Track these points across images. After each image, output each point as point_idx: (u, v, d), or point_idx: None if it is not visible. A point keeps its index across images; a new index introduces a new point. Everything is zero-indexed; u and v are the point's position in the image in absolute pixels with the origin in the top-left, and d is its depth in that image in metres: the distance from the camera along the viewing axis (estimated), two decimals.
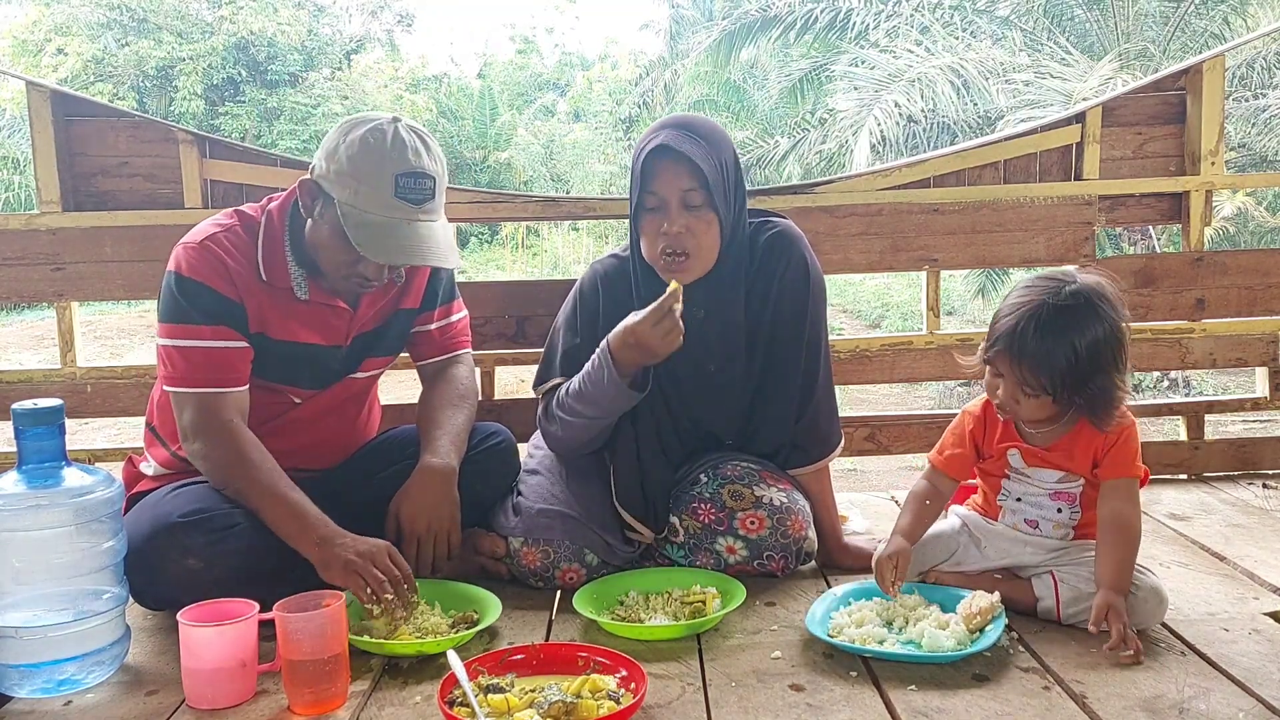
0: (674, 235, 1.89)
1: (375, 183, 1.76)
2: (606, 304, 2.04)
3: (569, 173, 17.97)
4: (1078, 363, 1.66)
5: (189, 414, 1.82)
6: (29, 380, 2.61)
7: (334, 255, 1.82)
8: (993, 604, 1.68)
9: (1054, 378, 1.67)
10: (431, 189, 1.80)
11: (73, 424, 1.82)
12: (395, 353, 2.11)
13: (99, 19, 16.98)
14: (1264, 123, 8.53)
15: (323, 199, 1.81)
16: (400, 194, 1.77)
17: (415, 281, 2.05)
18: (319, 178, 1.81)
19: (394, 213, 1.77)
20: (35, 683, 1.56)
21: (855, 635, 1.67)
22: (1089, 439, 1.76)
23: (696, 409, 2.08)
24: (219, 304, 1.82)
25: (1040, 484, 1.82)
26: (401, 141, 1.78)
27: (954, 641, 1.62)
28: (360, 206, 1.76)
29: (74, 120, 2.57)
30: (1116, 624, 1.61)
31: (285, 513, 1.77)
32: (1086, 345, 1.66)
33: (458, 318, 2.17)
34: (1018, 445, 1.82)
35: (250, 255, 1.86)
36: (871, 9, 10.97)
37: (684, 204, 1.89)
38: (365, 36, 20.85)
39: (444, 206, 1.88)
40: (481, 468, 2.05)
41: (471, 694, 1.41)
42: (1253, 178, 7.18)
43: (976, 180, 2.73)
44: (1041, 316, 1.67)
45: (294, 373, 1.94)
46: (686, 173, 1.87)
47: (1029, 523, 1.83)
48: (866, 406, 7.22)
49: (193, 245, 1.84)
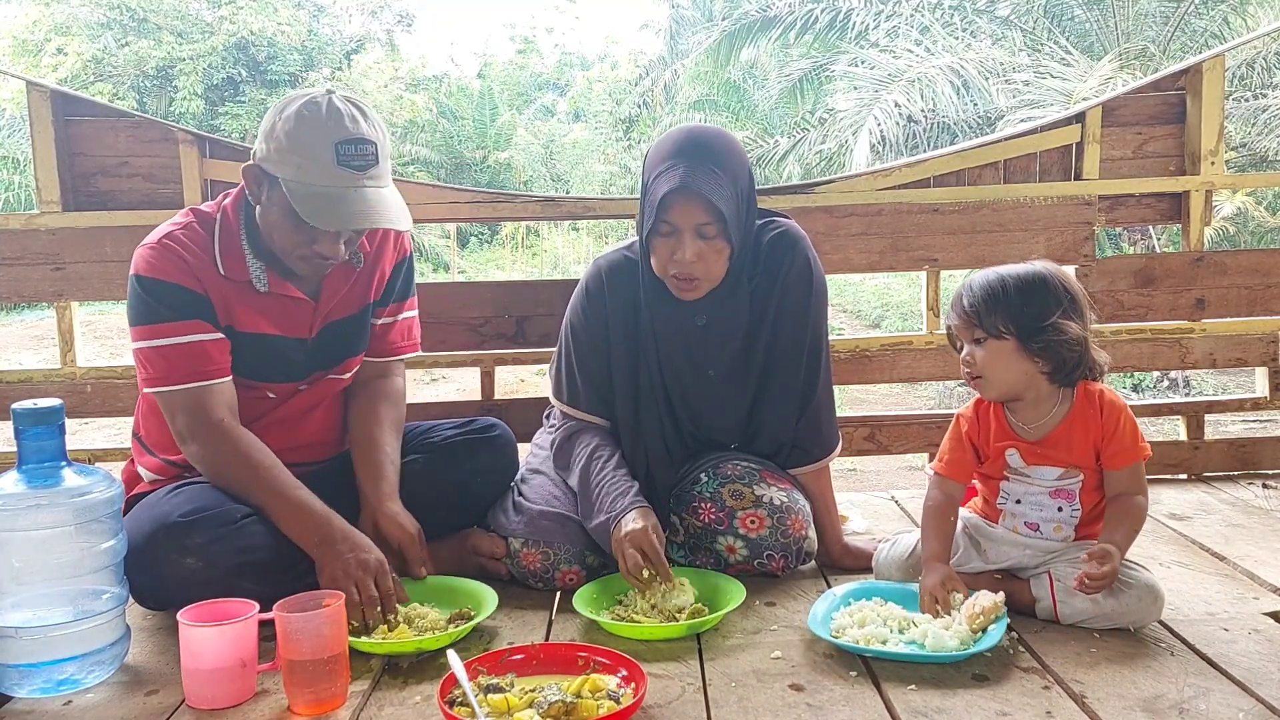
0: (686, 264, 1.88)
1: (316, 153, 1.75)
2: (612, 298, 2.04)
3: (569, 173, 17.98)
4: (1006, 292, 1.75)
5: (181, 418, 1.81)
6: (29, 380, 2.61)
7: (287, 236, 1.81)
8: (996, 604, 1.67)
9: (991, 307, 1.75)
10: (374, 154, 1.80)
11: (73, 424, 1.82)
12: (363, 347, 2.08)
13: (99, 19, 16.98)
14: (1264, 123, 8.53)
15: (268, 181, 1.80)
16: (342, 162, 1.76)
17: (379, 273, 2.03)
18: (261, 161, 1.80)
19: (338, 181, 1.76)
20: (35, 683, 1.56)
21: (858, 635, 1.67)
22: (1084, 428, 1.78)
23: (699, 411, 2.08)
24: (186, 298, 1.81)
25: (1040, 482, 1.82)
26: (337, 110, 1.78)
27: (957, 641, 1.62)
28: (304, 180, 1.75)
29: (74, 120, 2.57)
30: (1108, 561, 1.66)
31: (287, 511, 1.78)
32: (1015, 278, 1.76)
33: (406, 316, 2.14)
34: (1015, 444, 1.83)
35: (208, 250, 1.85)
36: (871, 9, 10.97)
37: (698, 234, 1.87)
38: (365, 36, 20.84)
39: (390, 174, 1.87)
40: (481, 462, 2.06)
41: (471, 694, 1.41)
42: (1253, 178, 7.19)
43: (976, 180, 2.73)
44: (977, 272, 1.82)
45: (263, 367, 1.92)
46: (703, 209, 1.85)
47: (1029, 525, 1.83)
48: (866, 406, 7.22)
49: (151, 245, 1.84)
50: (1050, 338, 1.73)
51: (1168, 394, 7.84)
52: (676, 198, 1.85)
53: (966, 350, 1.81)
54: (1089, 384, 1.80)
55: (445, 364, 2.71)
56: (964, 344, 1.82)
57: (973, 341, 1.79)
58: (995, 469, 1.87)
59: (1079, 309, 1.77)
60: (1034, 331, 1.73)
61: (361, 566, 1.73)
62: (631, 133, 18.75)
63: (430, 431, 2.13)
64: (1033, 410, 1.82)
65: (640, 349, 2.03)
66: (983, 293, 1.77)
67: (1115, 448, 1.77)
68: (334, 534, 1.76)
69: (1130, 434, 1.77)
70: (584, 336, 2.07)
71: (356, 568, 1.72)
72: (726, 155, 1.90)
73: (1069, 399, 1.80)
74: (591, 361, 2.06)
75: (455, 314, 2.62)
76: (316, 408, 2.03)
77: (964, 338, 1.82)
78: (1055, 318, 1.73)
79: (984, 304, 1.76)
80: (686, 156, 1.86)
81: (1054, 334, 1.73)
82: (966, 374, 1.82)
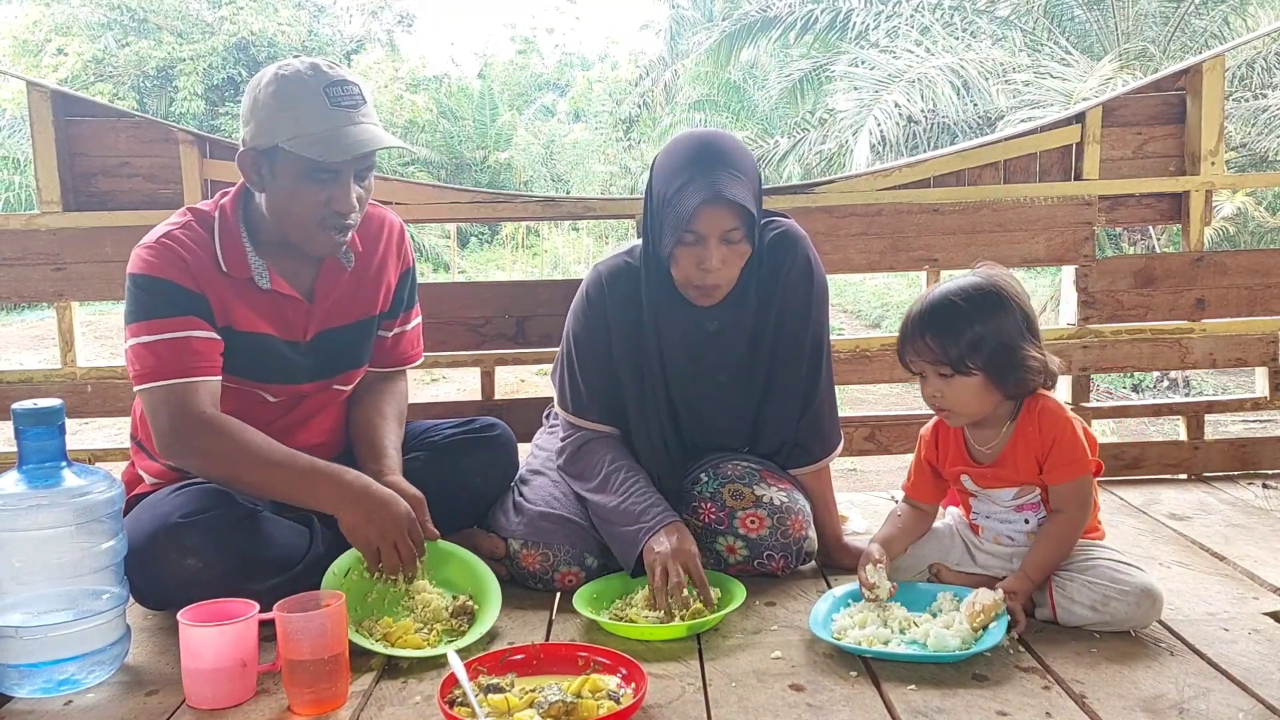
0: (715, 271, 1.86)
1: (308, 102, 1.76)
2: (613, 304, 2.02)
3: (569, 173, 17.99)
4: (971, 326, 1.70)
5: (163, 416, 1.76)
6: (29, 380, 2.61)
7: (303, 203, 1.79)
8: (995, 601, 1.67)
9: (955, 343, 1.70)
10: (359, 94, 1.81)
11: (73, 424, 1.81)
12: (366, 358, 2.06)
13: (99, 19, 16.99)
14: (1264, 123, 8.53)
15: (265, 159, 1.80)
16: (335, 103, 1.77)
17: (384, 285, 2.02)
18: (252, 143, 1.80)
19: (337, 119, 1.76)
20: (35, 683, 1.56)
21: (859, 636, 1.67)
22: (1026, 444, 1.76)
23: (703, 415, 2.07)
24: (183, 296, 1.79)
25: (999, 502, 1.84)
26: (313, 64, 1.80)
27: (959, 641, 1.62)
28: (303, 131, 1.75)
29: (74, 120, 2.57)
30: (1015, 604, 1.68)
31: (297, 479, 1.76)
32: (975, 309, 1.71)
33: (413, 325, 2.14)
34: (968, 469, 1.83)
35: (208, 249, 1.84)
36: (871, 9, 10.97)
37: (724, 240, 1.85)
38: (365, 36, 20.86)
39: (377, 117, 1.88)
40: (481, 460, 2.05)
41: (471, 694, 1.41)
42: (1253, 178, 7.18)
43: (976, 180, 2.73)
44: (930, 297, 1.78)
45: (261, 367, 1.89)
46: (731, 214, 1.83)
47: (1007, 537, 1.85)
48: (866, 406, 7.22)
49: (149, 245, 1.83)
50: (1018, 371, 1.72)
51: (1168, 394, 7.85)
52: (708, 208, 1.81)
53: (932, 384, 1.76)
54: (1036, 397, 1.78)
55: (445, 364, 2.71)
56: (928, 375, 1.77)
57: (938, 376, 1.75)
58: (961, 489, 1.89)
59: (1033, 326, 1.75)
60: (1004, 367, 1.71)
61: (395, 523, 1.73)
62: (631, 133, 18.76)
63: (430, 431, 2.13)
64: (989, 432, 1.81)
65: (643, 355, 2.02)
66: (945, 327, 1.72)
67: (1052, 463, 1.75)
68: (356, 490, 1.75)
69: (1069, 449, 1.74)
70: (586, 344, 2.05)
71: (391, 526, 1.73)
72: (740, 158, 1.89)
73: (1014, 416, 1.79)
74: (596, 369, 2.04)
75: (455, 314, 2.62)
76: (319, 414, 2.02)
77: (926, 371, 1.77)
78: (1021, 347, 1.70)
79: (949, 339, 1.71)
80: (707, 165, 1.83)
81: (1021, 366, 1.71)
82: (934, 406, 1.80)
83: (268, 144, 1.78)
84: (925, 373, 1.77)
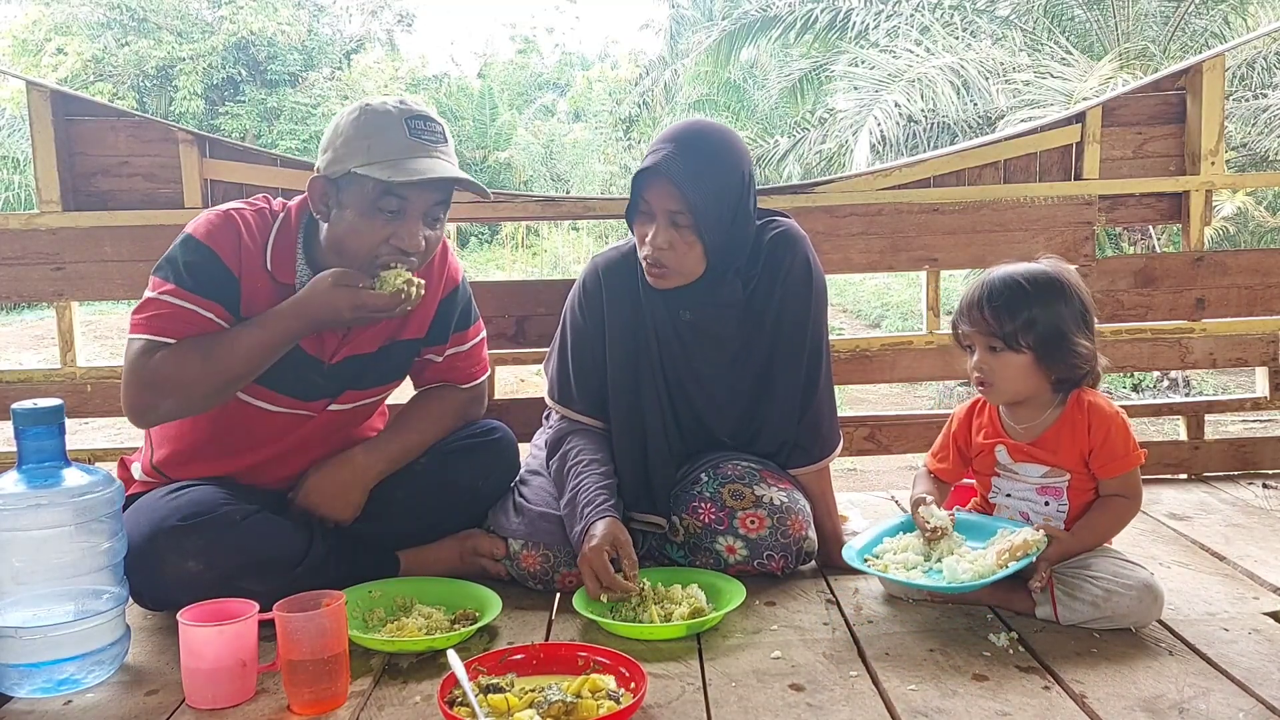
0: (656, 248, 1.91)
1: (387, 131, 1.75)
2: (609, 293, 2.05)
3: (569, 173, 17.97)
4: (1029, 305, 1.74)
5: (126, 364, 1.74)
6: (29, 380, 2.61)
7: (365, 234, 1.76)
8: (1028, 541, 1.70)
9: (1013, 319, 1.74)
10: (443, 133, 1.80)
11: (73, 424, 1.81)
12: (388, 382, 2.03)
13: (99, 19, 16.98)
14: (1264, 123, 8.52)
15: (334, 188, 1.77)
16: (414, 134, 1.76)
17: (420, 310, 1.95)
18: (327, 169, 1.77)
19: (414, 151, 1.75)
20: (35, 683, 1.56)
21: (891, 561, 1.77)
22: (1072, 436, 1.79)
23: (697, 408, 2.08)
24: (220, 274, 1.77)
25: (1026, 479, 1.85)
26: (400, 101, 1.80)
27: (971, 575, 1.67)
28: (378, 156, 1.73)
29: (74, 120, 2.57)
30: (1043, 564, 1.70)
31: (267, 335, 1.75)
32: (1036, 289, 1.75)
33: (470, 345, 2.09)
34: (1004, 441, 1.86)
35: (263, 240, 1.83)
36: (871, 9, 10.96)
37: (671, 222, 1.89)
38: (365, 36, 20.86)
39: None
40: (483, 464, 2.05)
41: (471, 694, 1.41)
42: (1253, 178, 7.18)
43: (976, 180, 2.73)
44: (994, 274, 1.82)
45: (273, 374, 1.82)
46: (675, 196, 1.86)
47: (1022, 515, 1.87)
48: (866, 406, 7.21)
49: (216, 213, 1.83)
50: (1067, 357, 1.75)
51: (1168, 394, 7.84)
52: (649, 178, 1.89)
53: (979, 357, 1.80)
54: (1082, 391, 1.81)
55: None
56: (976, 349, 1.81)
57: (987, 349, 1.79)
58: (985, 465, 1.90)
59: (1089, 320, 1.78)
60: (1054, 351, 1.75)
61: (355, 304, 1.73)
62: (631, 133, 18.74)
63: None
64: (1028, 412, 1.84)
65: (641, 345, 2.04)
66: (1005, 302, 1.76)
67: (1104, 458, 1.79)
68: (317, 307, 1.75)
69: (1120, 443, 1.78)
70: (580, 334, 2.07)
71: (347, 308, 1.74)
72: (718, 152, 1.91)
73: (1062, 404, 1.82)
74: (587, 360, 2.06)
75: None
76: (347, 426, 2.01)
77: (977, 343, 1.81)
78: (1074, 335, 1.74)
79: (1006, 315, 1.75)
80: (676, 143, 1.90)
81: (1071, 354, 1.75)
82: (976, 379, 1.82)
83: (340, 171, 1.75)
84: (975, 344, 1.81)
